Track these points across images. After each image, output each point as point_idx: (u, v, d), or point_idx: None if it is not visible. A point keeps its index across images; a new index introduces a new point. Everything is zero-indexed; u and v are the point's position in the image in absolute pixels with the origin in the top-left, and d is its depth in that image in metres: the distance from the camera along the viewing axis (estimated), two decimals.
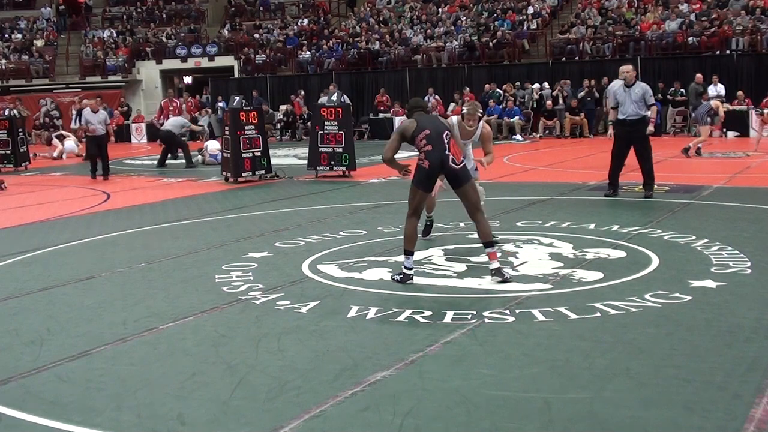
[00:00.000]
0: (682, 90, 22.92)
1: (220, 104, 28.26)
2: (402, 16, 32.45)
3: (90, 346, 5.29)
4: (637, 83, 11.02)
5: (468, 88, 25.75)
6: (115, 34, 36.41)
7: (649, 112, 11.02)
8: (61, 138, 23.86)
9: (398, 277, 6.67)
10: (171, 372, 4.75)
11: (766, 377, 4.30)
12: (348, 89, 26.36)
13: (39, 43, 36.06)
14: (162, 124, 21.48)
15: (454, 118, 7.94)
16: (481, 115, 7.89)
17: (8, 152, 19.62)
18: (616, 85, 11.14)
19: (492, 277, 6.53)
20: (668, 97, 23.03)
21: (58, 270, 7.82)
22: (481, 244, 6.75)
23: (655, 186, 11.12)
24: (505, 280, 6.46)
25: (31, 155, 20.93)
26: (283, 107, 27.61)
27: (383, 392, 4.28)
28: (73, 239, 9.45)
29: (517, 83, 25.75)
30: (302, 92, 27.47)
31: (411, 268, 6.67)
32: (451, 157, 6.56)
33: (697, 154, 16.53)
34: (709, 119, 16.78)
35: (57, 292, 6.87)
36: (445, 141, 6.59)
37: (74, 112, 26.85)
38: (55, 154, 22.83)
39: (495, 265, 6.55)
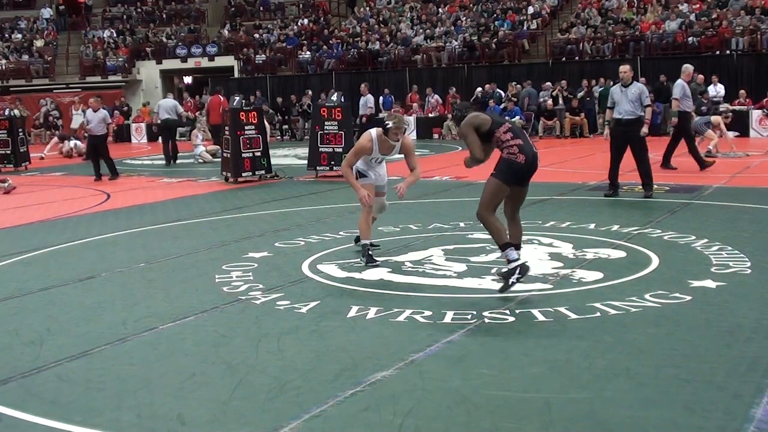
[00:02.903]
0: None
1: None
2: (402, 16, 32.45)
3: (90, 346, 5.29)
4: (634, 83, 11.04)
5: (454, 89, 25.76)
6: (115, 34, 36.41)
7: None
8: (69, 139, 23.89)
9: (517, 275, 6.07)
10: (171, 372, 4.75)
11: (766, 377, 4.30)
12: (348, 89, 26.35)
13: (39, 43, 36.06)
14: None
15: (374, 132, 7.50)
16: (406, 128, 7.52)
17: (8, 152, 19.63)
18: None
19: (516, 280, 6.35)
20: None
21: (58, 270, 7.82)
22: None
23: (655, 186, 11.12)
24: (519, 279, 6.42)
25: (38, 156, 20.98)
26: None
27: (383, 392, 4.28)
28: (73, 239, 9.45)
29: (514, 83, 25.79)
30: (309, 92, 27.41)
31: (518, 258, 6.16)
32: (538, 155, 6.37)
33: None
34: (707, 128, 16.82)
35: (57, 292, 6.87)
36: (528, 137, 6.41)
37: (75, 112, 26.89)
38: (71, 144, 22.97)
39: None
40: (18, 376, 4.75)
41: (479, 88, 25.54)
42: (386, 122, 7.39)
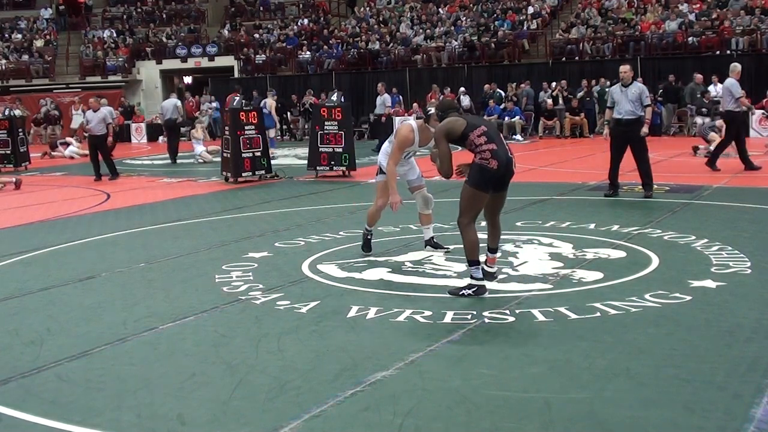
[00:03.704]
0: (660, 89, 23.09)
1: (214, 104, 28.23)
2: (402, 16, 32.45)
3: (90, 346, 5.29)
4: (634, 83, 11.04)
5: (449, 88, 25.74)
6: (115, 34, 36.41)
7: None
8: (66, 144, 23.98)
9: (470, 291, 6.13)
10: (171, 372, 4.75)
11: (766, 377, 4.30)
12: (348, 89, 26.35)
13: (39, 43, 36.05)
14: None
15: (414, 123, 7.39)
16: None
17: (8, 152, 19.65)
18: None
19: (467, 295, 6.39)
20: (658, 98, 22.94)
21: (58, 270, 7.82)
22: (487, 246, 6.54)
23: (655, 186, 11.12)
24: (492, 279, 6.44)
25: (39, 155, 21.08)
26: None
27: (383, 392, 4.28)
28: (73, 239, 9.45)
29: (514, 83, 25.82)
30: (310, 91, 27.44)
31: (482, 278, 6.19)
32: (514, 160, 6.24)
33: (694, 152, 16.70)
34: (711, 132, 16.90)
35: (57, 292, 6.87)
36: (504, 141, 6.28)
37: (75, 112, 26.92)
38: (67, 153, 23.24)
39: (494, 269, 6.47)
40: (18, 376, 4.75)
41: (462, 88, 25.55)
42: (428, 108, 7.23)
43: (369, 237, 7.44)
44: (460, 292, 6.17)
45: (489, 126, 6.40)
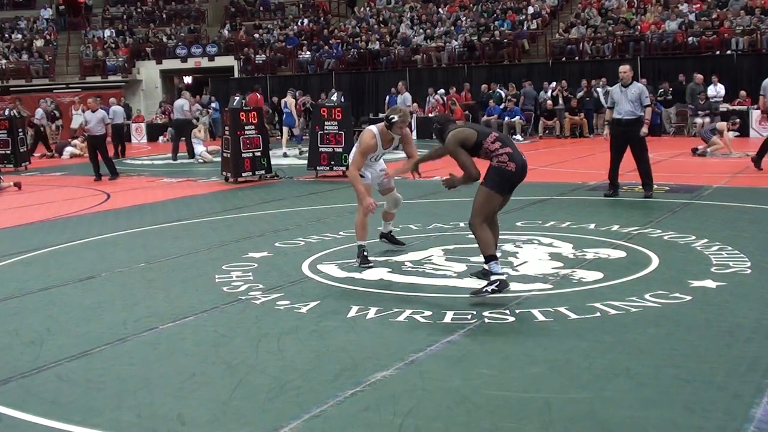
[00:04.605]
0: (670, 89, 23.02)
1: (214, 104, 28.24)
2: (402, 16, 32.46)
3: (90, 346, 5.29)
4: (634, 83, 11.04)
5: (455, 88, 25.73)
6: (115, 34, 36.40)
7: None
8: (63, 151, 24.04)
9: (493, 287, 5.99)
10: (171, 372, 4.75)
11: (766, 377, 4.30)
12: (348, 89, 26.35)
13: (39, 43, 36.04)
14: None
15: (375, 128, 7.52)
16: (410, 121, 7.52)
17: (8, 152, 19.64)
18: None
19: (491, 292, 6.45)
20: (658, 99, 22.92)
21: (58, 270, 7.82)
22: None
23: (655, 186, 11.12)
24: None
25: (37, 155, 21.26)
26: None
27: (383, 392, 4.28)
28: (73, 239, 9.45)
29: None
30: (299, 91, 27.44)
31: (501, 273, 6.10)
32: (527, 163, 6.31)
33: (695, 153, 16.74)
34: (713, 135, 16.96)
35: (57, 292, 6.87)
36: (516, 145, 6.40)
37: (75, 112, 26.93)
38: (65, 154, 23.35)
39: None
40: (18, 376, 4.75)
41: (452, 89, 25.55)
42: (391, 116, 7.37)
43: (365, 253, 7.41)
44: (483, 290, 6.06)
45: (499, 132, 6.55)
